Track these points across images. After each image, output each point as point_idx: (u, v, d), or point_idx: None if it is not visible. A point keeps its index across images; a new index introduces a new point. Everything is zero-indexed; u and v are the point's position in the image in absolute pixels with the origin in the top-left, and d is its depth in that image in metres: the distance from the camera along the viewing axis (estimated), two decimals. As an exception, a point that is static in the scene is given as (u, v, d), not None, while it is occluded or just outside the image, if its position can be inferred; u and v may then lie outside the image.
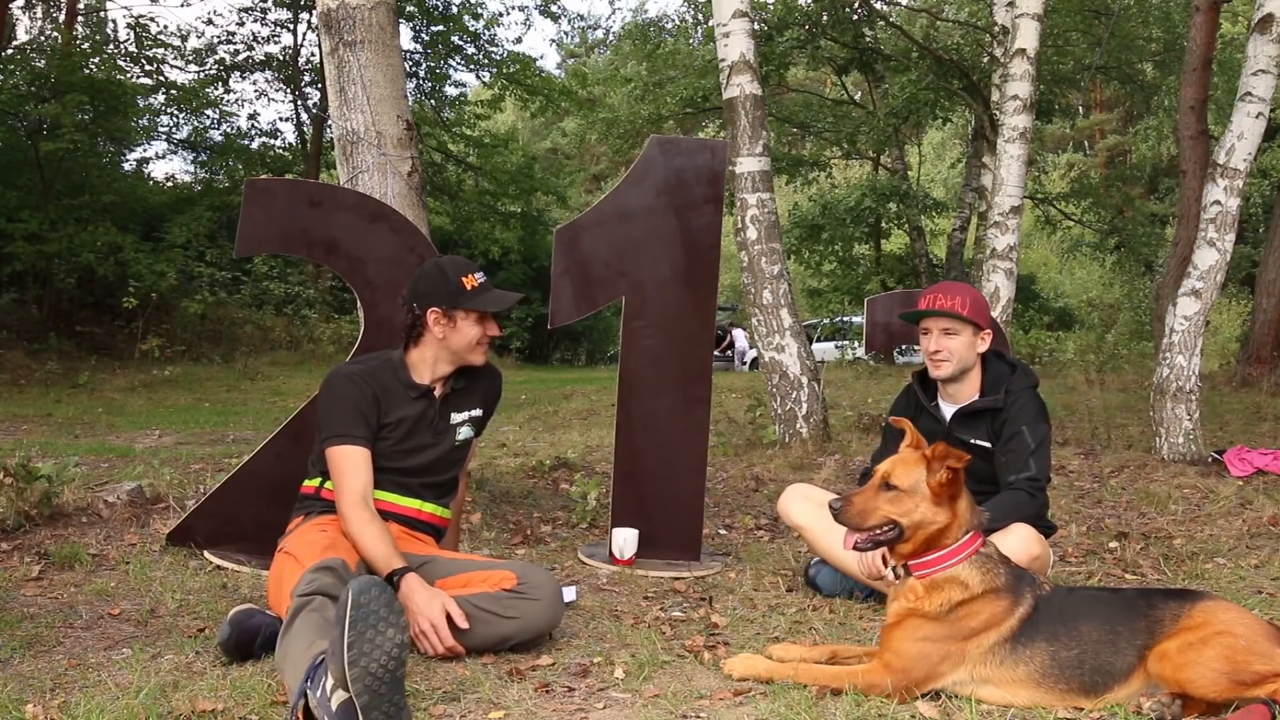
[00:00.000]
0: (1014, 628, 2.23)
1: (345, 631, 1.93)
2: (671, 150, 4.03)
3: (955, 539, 2.30)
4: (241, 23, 23.46)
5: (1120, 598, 2.32)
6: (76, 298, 15.30)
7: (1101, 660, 2.18)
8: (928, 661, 2.23)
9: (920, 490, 2.29)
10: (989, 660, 2.22)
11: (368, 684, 1.92)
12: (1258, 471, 5.45)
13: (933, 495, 2.29)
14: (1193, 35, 10.83)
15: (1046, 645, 2.20)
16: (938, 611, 2.26)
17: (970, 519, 2.33)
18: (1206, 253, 5.96)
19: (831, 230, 18.78)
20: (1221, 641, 2.07)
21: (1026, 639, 2.22)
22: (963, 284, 3.30)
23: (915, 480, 2.30)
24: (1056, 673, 2.18)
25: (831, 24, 15.71)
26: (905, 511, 2.30)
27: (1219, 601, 2.22)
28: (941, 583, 2.28)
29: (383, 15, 4.42)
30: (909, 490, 2.30)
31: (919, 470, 2.31)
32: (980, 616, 2.25)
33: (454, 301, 2.83)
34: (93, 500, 3.95)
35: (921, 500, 2.29)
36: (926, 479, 2.30)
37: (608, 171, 30.76)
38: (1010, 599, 2.26)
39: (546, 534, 4.33)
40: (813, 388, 6.31)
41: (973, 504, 2.37)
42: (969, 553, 2.29)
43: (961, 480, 2.32)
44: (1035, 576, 2.36)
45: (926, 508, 2.29)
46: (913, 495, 2.29)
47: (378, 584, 2.02)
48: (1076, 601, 2.30)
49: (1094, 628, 2.20)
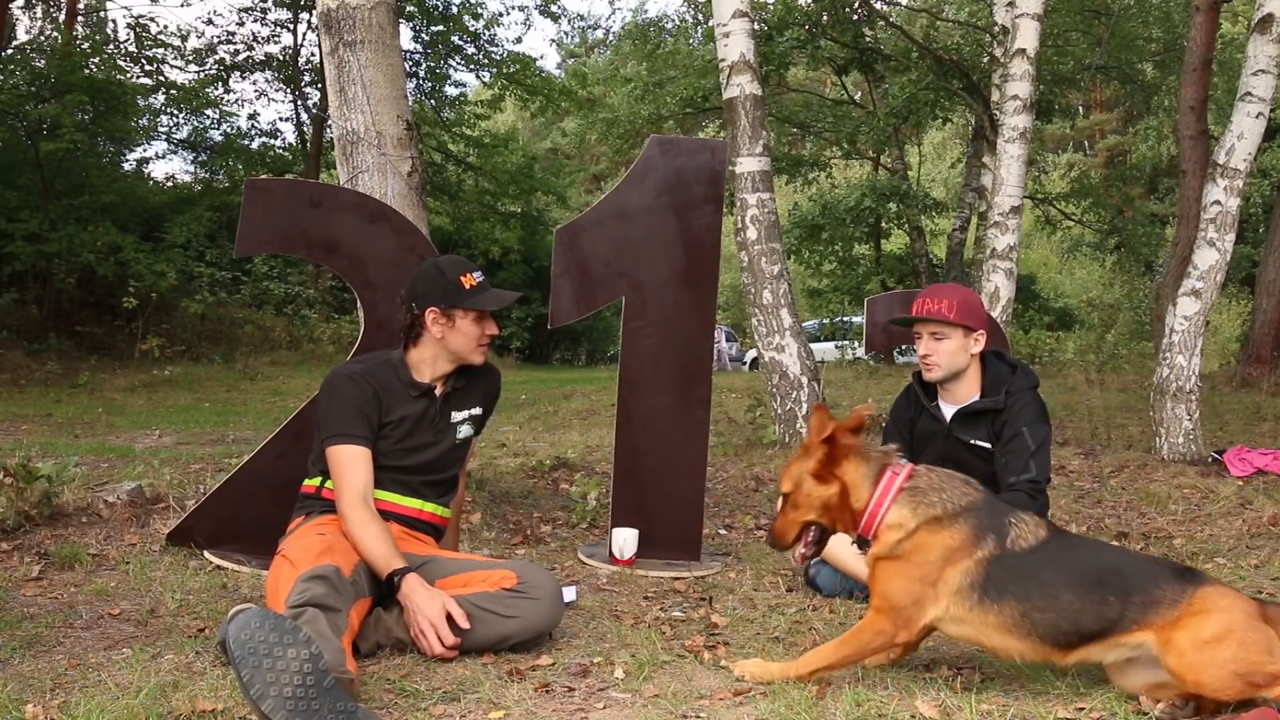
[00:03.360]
0: (976, 570, 2.26)
1: (239, 674, 1.94)
2: (671, 150, 4.02)
3: (864, 494, 2.36)
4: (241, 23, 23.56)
5: (1112, 564, 2.28)
6: (76, 298, 15.31)
7: (1082, 624, 2.20)
8: (907, 594, 2.29)
9: (805, 483, 2.39)
10: (960, 603, 2.26)
11: (290, 709, 1.91)
12: (1258, 471, 5.45)
13: (817, 480, 2.38)
14: (1193, 35, 10.83)
15: (1017, 604, 2.22)
16: (889, 553, 2.33)
17: (867, 468, 2.37)
18: (1206, 253, 5.96)
19: (831, 230, 18.78)
20: (1235, 640, 2.07)
21: (996, 591, 2.23)
22: (954, 285, 3.27)
23: (798, 478, 2.40)
24: (1028, 627, 2.22)
25: (831, 24, 15.71)
26: (807, 508, 2.40)
27: (1215, 586, 2.22)
28: (881, 530, 2.34)
29: (383, 15, 4.42)
30: (798, 490, 2.40)
31: (800, 466, 2.40)
32: (932, 549, 2.28)
33: (452, 301, 2.83)
34: (93, 500, 3.95)
35: (811, 490, 2.39)
36: (807, 470, 2.38)
37: (608, 171, 30.75)
38: (962, 529, 2.28)
39: (546, 534, 4.33)
40: (813, 388, 6.31)
41: (864, 453, 2.39)
42: (892, 494, 2.34)
43: (841, 444, 2.36)
44: (1007, 513, 2.33)
45: (819, 492, 2.38)
46: (802, 492, 2.39)
47: (258, 615, 2.01)
48: (1059, 562, 2.27)
49: (1076, 598, 2.21)
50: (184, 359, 14.34)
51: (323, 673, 1.97)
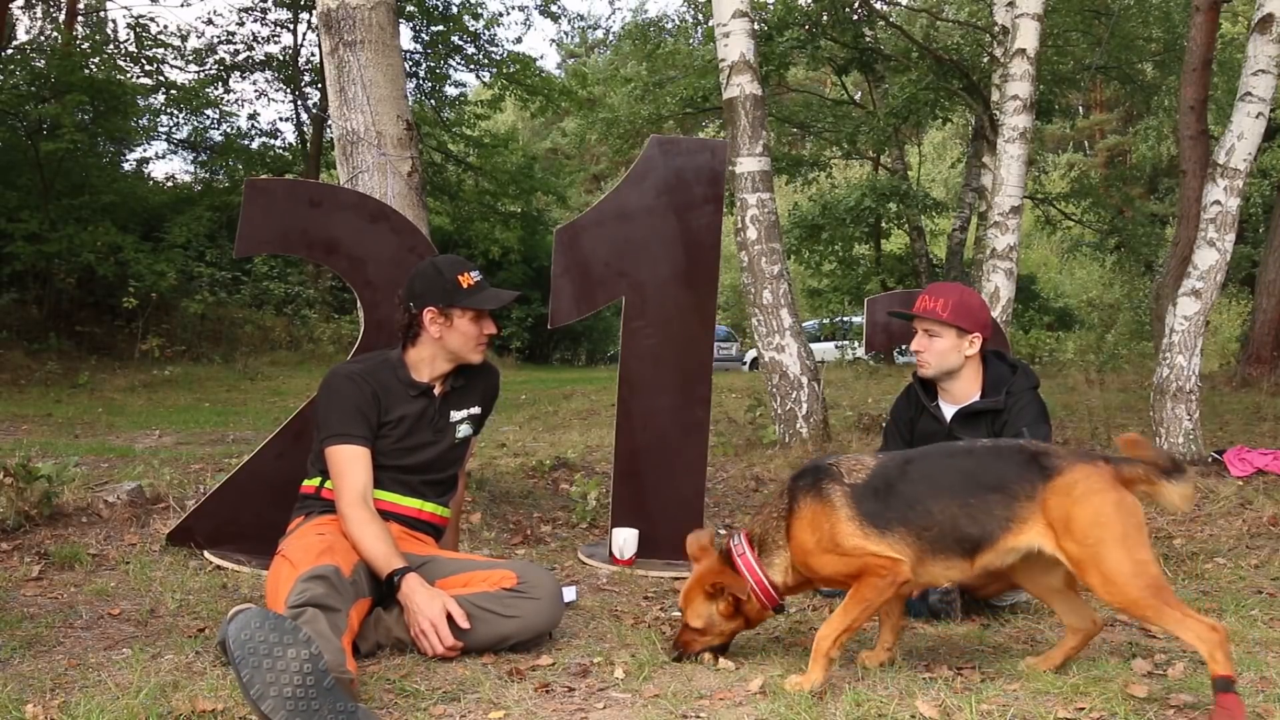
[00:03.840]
0: (850, 520, 2.36)
1: (239, 675, 1.94)
2: (671, 150, 4.03)
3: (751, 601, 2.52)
4: (241, 23, 23.59)
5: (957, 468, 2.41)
6: (76, 298, 15.31)
7: (964, 532, 2.32)
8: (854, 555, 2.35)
9: (715, 622, 2.54)
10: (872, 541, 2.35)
11: (290, 709, 1.92)
12: (1258, 471, 5.44)
13: (724, 617, 2.54)
14: (1193, 35, 10.83)
15: (905, 530, 2.34)
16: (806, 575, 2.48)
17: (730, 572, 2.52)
18: (1206, 253, 5.95)
19: (831, 230, 18.77)
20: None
21: (883, 525, 2.34)
22: (957, 286, 3.27)
23: (708, 618, 2.54)
24: (927, 550, 2.34)
25: (831, 24, 15.71)
26: (713, 635, 2.56)
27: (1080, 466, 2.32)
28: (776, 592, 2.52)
29: (383, 15, 4.42)
30: (710, 627, 2.55)
31: (707, 608, 2.54)
32: (809, 539, 2.41)
33: (450, 300, 2.82)
34: (93, 500, 3.95)
35: (721, 625, 2.55)
36: (715, 610, 2.53)
37: (608, 171, 30.74)
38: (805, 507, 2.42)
39: (546, 534, 4.33)
40: (813, 388, 6.31)
41: (718, 565, 2.55)
42: (755, 562, 2.51)
43: (722, 582, 2.51)
44: (816, 466, 2.48)
45: (726, 626, 2.56)
46: (715, 628, 2.56)
47: (258, 615, 2.02)
48: (915, 479, 2.40)
49: (943, 506, 2.34)
50: (184, 359, 14.34)
51: (323, 673, 1.97)
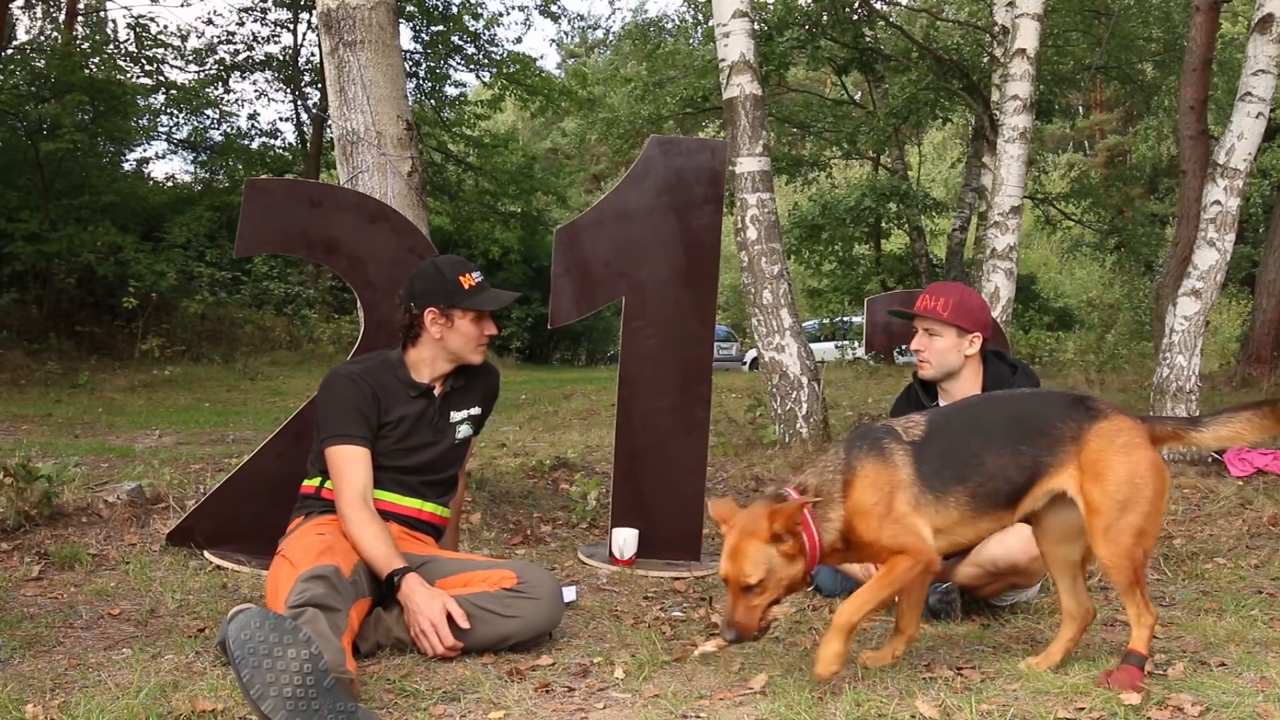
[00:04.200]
0: (911, 485, 2.29)
1: (239, 675, 1.94)
2: (671, 150, 4.02)
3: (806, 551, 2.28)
4: (241, 23, 23.59)
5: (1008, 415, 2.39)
6: (76, 298, 15.31)
7: (1013, 482, 2.32)
8: (903, 527, 2.27)
9: (776, 567, 2.21)
10: (923, 514, 2.29)
11: (290, 709, 1.92)
12: (1258, 471, 5.44)
13: (787, 560, 2.22)
14: (1193, 35, 10.82)
15: (961, 490, 2.30)
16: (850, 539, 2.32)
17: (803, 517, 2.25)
18: (1206, 253, 5.95)
19: (831, 230, 18.79)
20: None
21: (940, 487, 2.29)
22: (959, 286, 3.28)
23: (768, 564, 2.21)
24: (981, 508, 2.32)
25: (831, 24, 15.71)
26: (777, 590, 2.24)
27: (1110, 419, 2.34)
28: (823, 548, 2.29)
29: (383, 15, 4.42)
30: (770, 576, 2.21)
31: (765, 553, 2.20)
32: (868, 499, 2.28)
33: (451, 300, 2.83)
34: (93, 500, 3.95)
35: (782, 572, 2.22)
36: (776, 552, 2.21)
37: (608, 171, 30.75)
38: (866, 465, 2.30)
39: (546, 534, 4.33)
40: (813, 388, 6.31)
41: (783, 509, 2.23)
42: (812, 520, 2.27)
43: (803, 526, 2.24)
44: (876, 435, 2.36)
45: (787, 572, 2.23)
46: (774, 578, 2.22)
47: (258, 615, 2.02)
48: (966, 433, 2.37)
49: (996, 457, 2.32)
50: (184, 359, 14.34)
51: (323, 673, 1.97)
